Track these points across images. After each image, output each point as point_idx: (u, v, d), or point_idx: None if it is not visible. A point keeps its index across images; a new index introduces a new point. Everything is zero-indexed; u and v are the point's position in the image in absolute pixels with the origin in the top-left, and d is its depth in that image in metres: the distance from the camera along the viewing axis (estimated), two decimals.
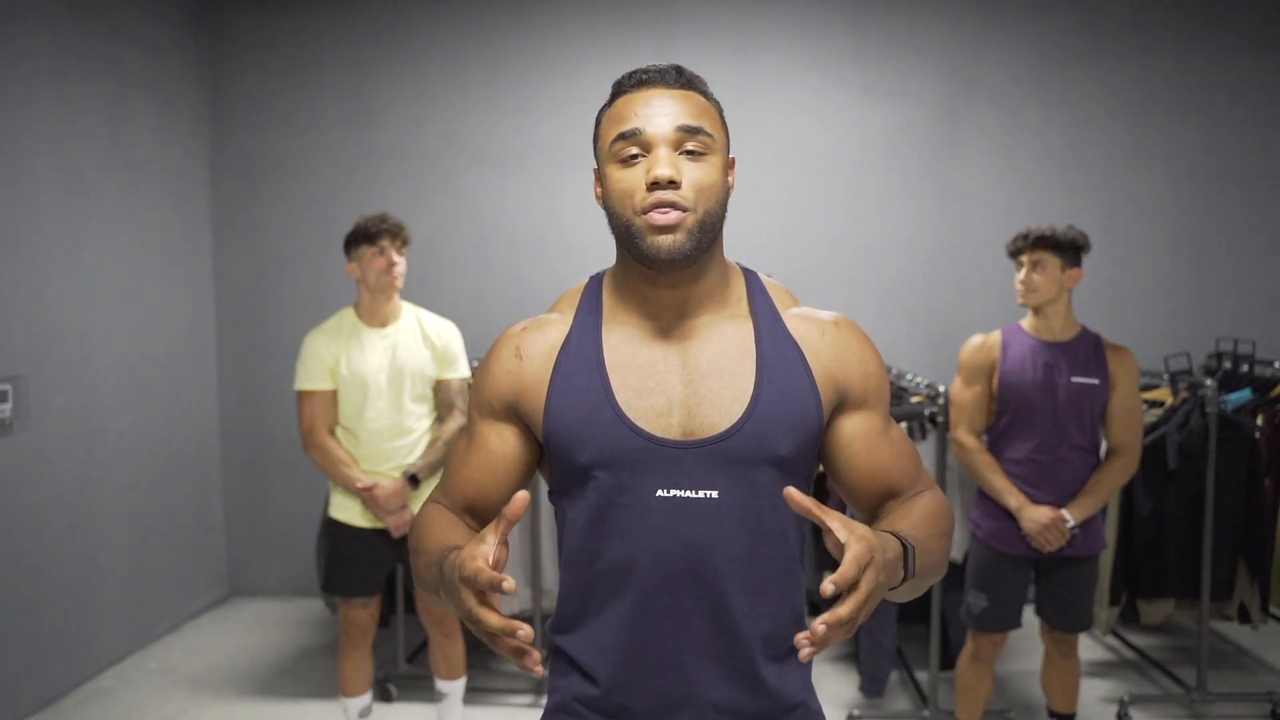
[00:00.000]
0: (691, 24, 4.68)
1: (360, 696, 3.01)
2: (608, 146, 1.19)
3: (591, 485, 1.18)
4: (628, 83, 1.21)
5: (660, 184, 1.14)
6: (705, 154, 1.17)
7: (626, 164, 1.17)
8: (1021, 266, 2.76)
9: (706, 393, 1.18)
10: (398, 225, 2.93)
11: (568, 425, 1.18)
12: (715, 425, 1.16)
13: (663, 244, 1.14)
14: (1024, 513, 2.72)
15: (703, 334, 1.21)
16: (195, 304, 4.65)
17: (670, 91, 1.18)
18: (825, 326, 1.25)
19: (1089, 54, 4.63)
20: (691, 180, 1.15)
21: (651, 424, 1.17)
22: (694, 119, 1.17)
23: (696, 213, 1.15)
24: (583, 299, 1.28)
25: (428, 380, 2.96)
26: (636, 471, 1.16)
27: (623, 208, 1.17)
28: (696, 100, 1.19)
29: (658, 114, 1.16)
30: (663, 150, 1.15)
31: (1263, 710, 3.44)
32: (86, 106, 3.85)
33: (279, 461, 4.79)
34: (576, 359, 1.21)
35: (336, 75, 4.76)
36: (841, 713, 3.39)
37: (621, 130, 1.17)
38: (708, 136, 1.17)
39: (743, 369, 1.19)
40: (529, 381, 1.22)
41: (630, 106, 1.18)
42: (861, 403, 1.23)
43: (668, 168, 1.14)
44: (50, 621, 3.60)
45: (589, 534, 1.19)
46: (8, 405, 3.36)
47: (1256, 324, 4.51)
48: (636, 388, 1.18)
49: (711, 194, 1.17)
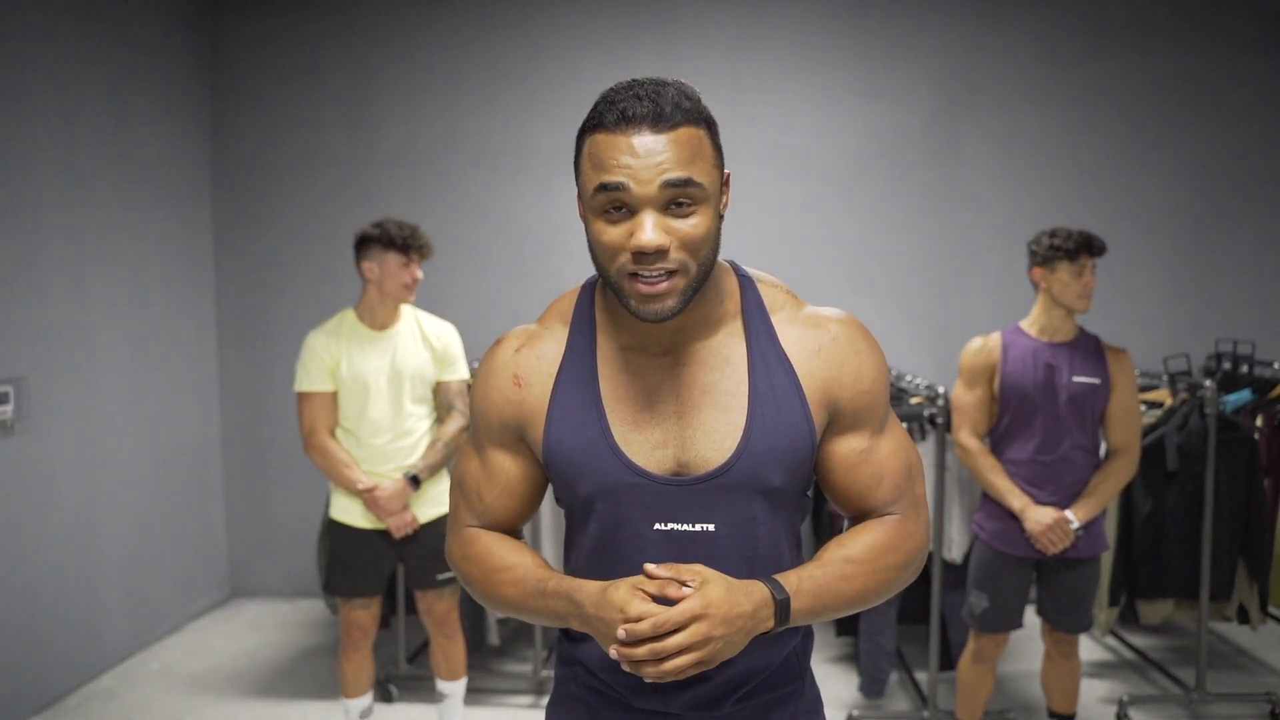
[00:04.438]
0: (691, 25, 4.68)
1: (361, 697, 3.01)
2: (590, 192, 1.10)
3: (593, 516, 1.22)
4: (609, 116, 1.09)
5: (647, 252, 1.08)
6: (695, 204, 1.09)
7: (610, 220, 1.10)
8: (1084, 271, 2.73)
9: (700, 426, 1.19)
10: (429, 243, 2.96)
11: (567, 459, 1.21)
12: (709, 460, 1.18)
13: (652, 309, 1.11)
14: (1027, 514, 2.73)
15: (696, 359, 1.21)
16: (197, 305, 4.65)
17: (656, 136, 1.07)
18: (823, 340, 1.22)
19: (1089, 56, 4.63)
20: (681, 239, 1.09)
21: (647, 459, 1.18)
22: (683, 169, 1.07)
23: (688, 274, 1.11)
24: (575, 315, 1.26)
25: (428, 382, 2.97)
26: (633, 506, 1.19)
27: (608, 265, 1.12)
28: (685, 140, 1.09)
29: (643, 167, 1.07)
30: (649, 217, 1.08)
31: (1262, 710, 3.45)
32: (87, 108, 3.85)
33: (280, 462, 4.79)
34: (572, 389, 1.22)
35: (337, 76, 4.76)
36: (841, 713, 3.40)
37: (604, 181, 1.08)
38: (697, 187, 1.08)
39: (735, 400, 1.19)
40: (529, 411, 1.24)
41: (612, 152, 1.08)
42: (851, 425, 1.23)
43: (654, 235, 1.07)
44: (52, 622, 3.60)
45: (593, 560, 1.24)
46: (9, 406, 3.37)
47: (1256, 325, 4.52)
48: (631, 421, 1.19)
49: (702, 247, 1.11)
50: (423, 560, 2.95)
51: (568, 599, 1.16)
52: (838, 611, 1.19)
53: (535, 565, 1.24)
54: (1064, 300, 2.75)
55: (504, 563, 1.25)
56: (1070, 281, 2.73)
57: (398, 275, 2.89)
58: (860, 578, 1.19)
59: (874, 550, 1.20)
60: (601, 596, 1.11)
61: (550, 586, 1.19)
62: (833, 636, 3.97)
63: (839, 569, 1.18)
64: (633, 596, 1.08)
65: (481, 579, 1.26)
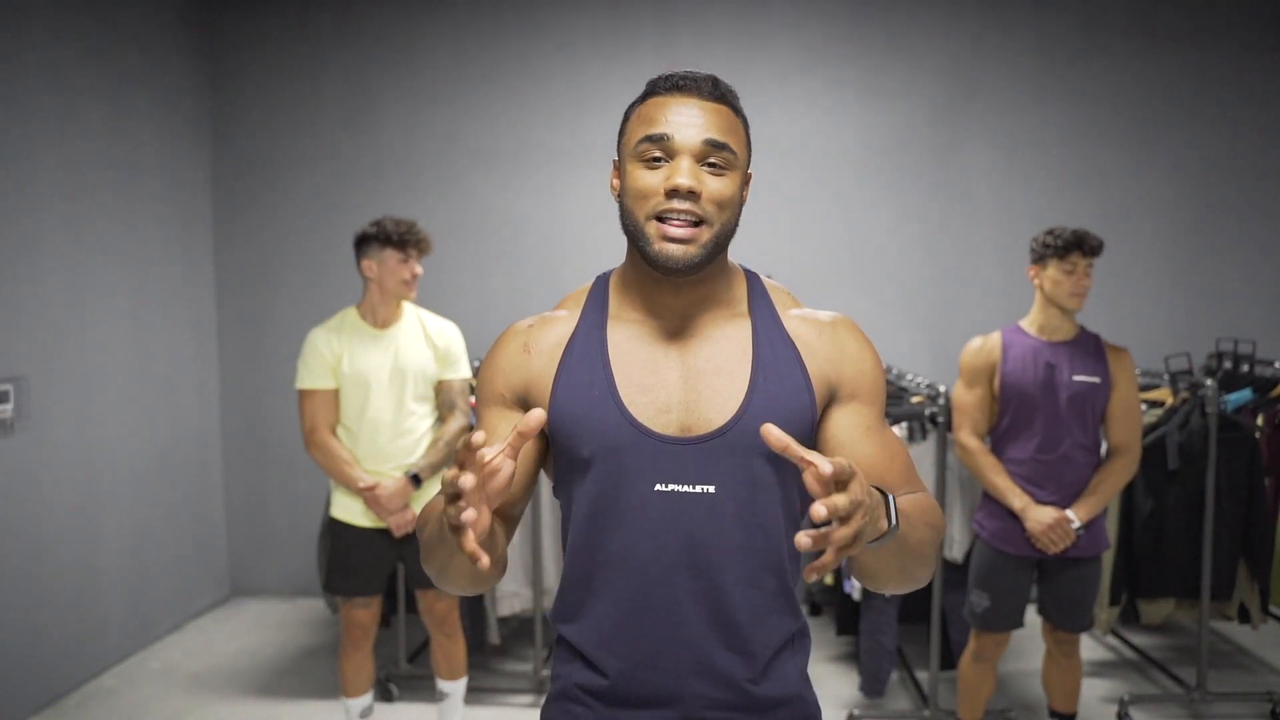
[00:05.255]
0: (692, 24, 4.68)
1: (361, 696, 3.01)
2: (633, 144, 1.21)
3: (592, 477, 1.21)
4: (663, 85, 1.22)
5: (680, 192, 1.16)
6: (727, 169, 1.19)
7: (649, 165, 1.19)
8: (1075, 270, 2.73)
9: (704, 390, 1.21)
10: (427, 239, 2.95)
11: (571, 417, 1.21)
12: (712, 421, 1.20)
13: (674, 253, 1.17)
14: (1028, 513, 2.73)
15: (703, 334, 1.25)
16: (196, 303, 4.65)
17: (703, 103, 1.20)
18: (823, 326, 1.28)
19: (1089, 54, 4.63)
20: (711, 193, 1.18)
21: (652, 419, 1.20)
22: (722, 134, 1.19)
23: (713, 226, 1.19)
24: (589, 296, 1.31)
25: (429, 380, 2.97)
26: (636, 465, 1.19)
27: (637, 208, 1.20)
28: (727, 116, 1.21)
29: (688, 123, 1.18)
30: (685, 161, 1.17)
31: (1262, 710, 3.45)
32: (87, 106, 3.85)
33: (280, 461, 4.79)
34: (582, 354, 1.25)
35: (337, 75, 4.76)
36: (841, 712, 3.40)
37: (650, 133, 1.19)
38: (731, 154, 1.19)
39: (739, 368, 1.22)
40: (536, 375, 1.26)
41: (662, 110, 1.20)
42: (852, 396, 1.25)
43: (689, 178, 1.16)
44: (52, 621, 3.60)
45: (590, 525, 1.22)
46: (9, 406, 3.36)
47: (1257, 324, 4.52)
48: (639, 383, 1.22)
49: (728, 208, 1.20)
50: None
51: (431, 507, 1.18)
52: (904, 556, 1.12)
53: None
54: (1055, 298, 2.76)
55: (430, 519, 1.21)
56: (1061, 279, 2.73)
57: (396, 272, 2.89)
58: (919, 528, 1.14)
59: (919, 509, 1.17)
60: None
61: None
62: (833, 636, 3.97)
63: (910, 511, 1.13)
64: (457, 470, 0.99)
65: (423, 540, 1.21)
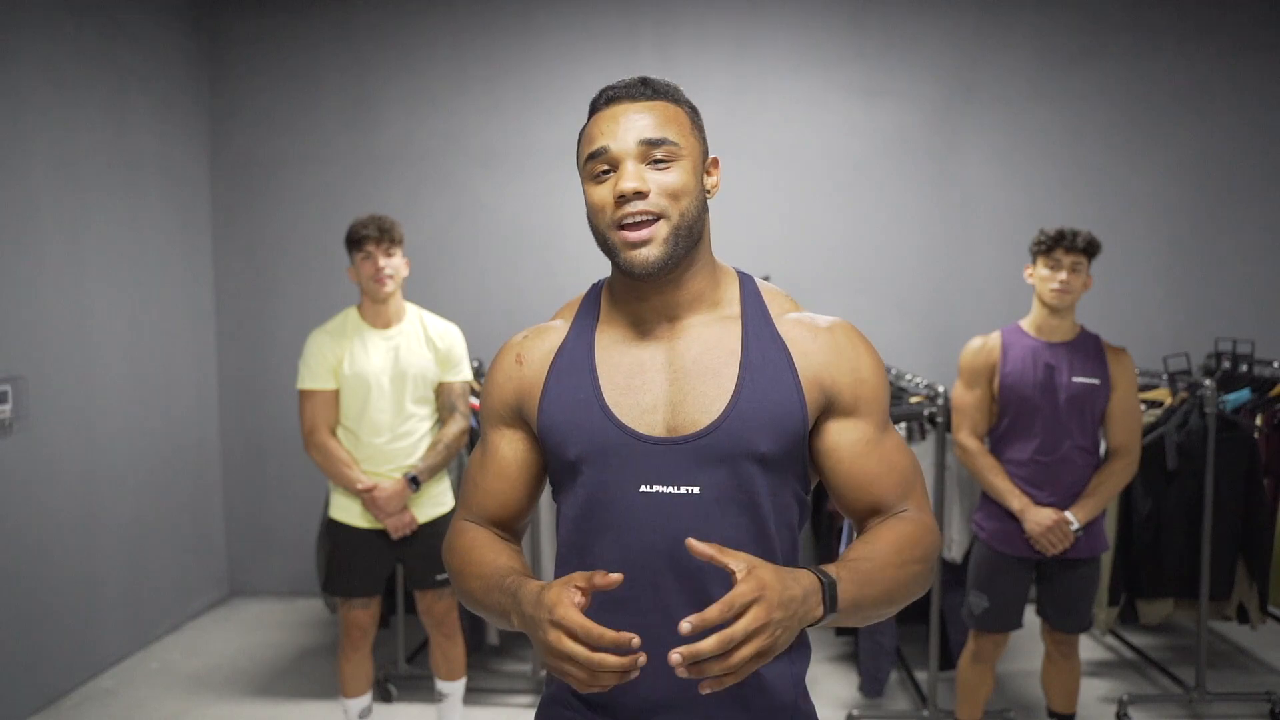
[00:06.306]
0: (691, 25, 4.68)
1: (360, 697, 3.01)
2: (583, 166, 1.24)
3: (581, 479, 1.23)
4: (599, 101, 1.25)
5: (626, 196, 1.18)
6: (672, 160, 1.20)
7: (598, 181, 1.22)
8: (1058, 267, 2.72)
9: (690, 391, 1.21)
10: (382, 227, 2.87)
11: (558, 421, 1.24)
12: (697, 422, 1.20)
13: (637, 258, 1.19)
14: (1027, 515, 2.73)
15: (690, 335, 1.25)
16: (195, 304, 4.65)
17: (634, 104, 1.22)
18: (819, 331, 1.26)
19: (1088, 55, 4.63)
20: (660, 187, 1.19)
21: (636, 420, 1.21)
22: (658, 129, 1.20)
23: (670, 219, 1.19)
24: (582, 305, 1.33)
25: (430, 382, 2.96)
26: (621, 467, 1.20)
27: (599, 222, 1.22)
28: (662, 109, 1.22)
29: (623, 130, 1.20)
30: (629, 164, 1.19)
31: (1262, 710, 3.45)
32: (86, 106, 3.85)
33: (279, 461, 4.79)
34: (570, 360, 1.27)
35: (337, 75, 4.76)
36: (841, 713, 3.40)
37: (591, 150, 1.22)
38: (673, 144, 1.20)
39: (727, 368, 1.22)
40: (528, 384, 1.29)
41: (598, 125, 1.23)
42: (851, 409, 1.24)
43: (632, 180, 1.18)
44: (51, 622, 3.60)
45: (578, 528, 1.24)
46: (8, 406, 3.36)
47: (1256, 324, 4.52)
48: (624, 386, 1.23)
49: (683, 197, 1.20)
50: (422, 560, 2.95)
51: (511, 595, 1.13)
52: (875, 607, 1.14)
53: (507, 563, 1.22)
54: (1040, 295, 2.76)
55: (480, 556, 1.25)
56: (1047, 275, 2.74)
57: (362, 270, 2.89)
58: (891, 570, 1.15)
59: (899, 544, 1.18)
60: (538, 595, 1.08)
61: (506, 583, 1.16)
62: (832, 636, 3.97)
63: (871, 563, 1.14)
64: (563, 594, 1.04)
65: (458, 569, 1.27)
